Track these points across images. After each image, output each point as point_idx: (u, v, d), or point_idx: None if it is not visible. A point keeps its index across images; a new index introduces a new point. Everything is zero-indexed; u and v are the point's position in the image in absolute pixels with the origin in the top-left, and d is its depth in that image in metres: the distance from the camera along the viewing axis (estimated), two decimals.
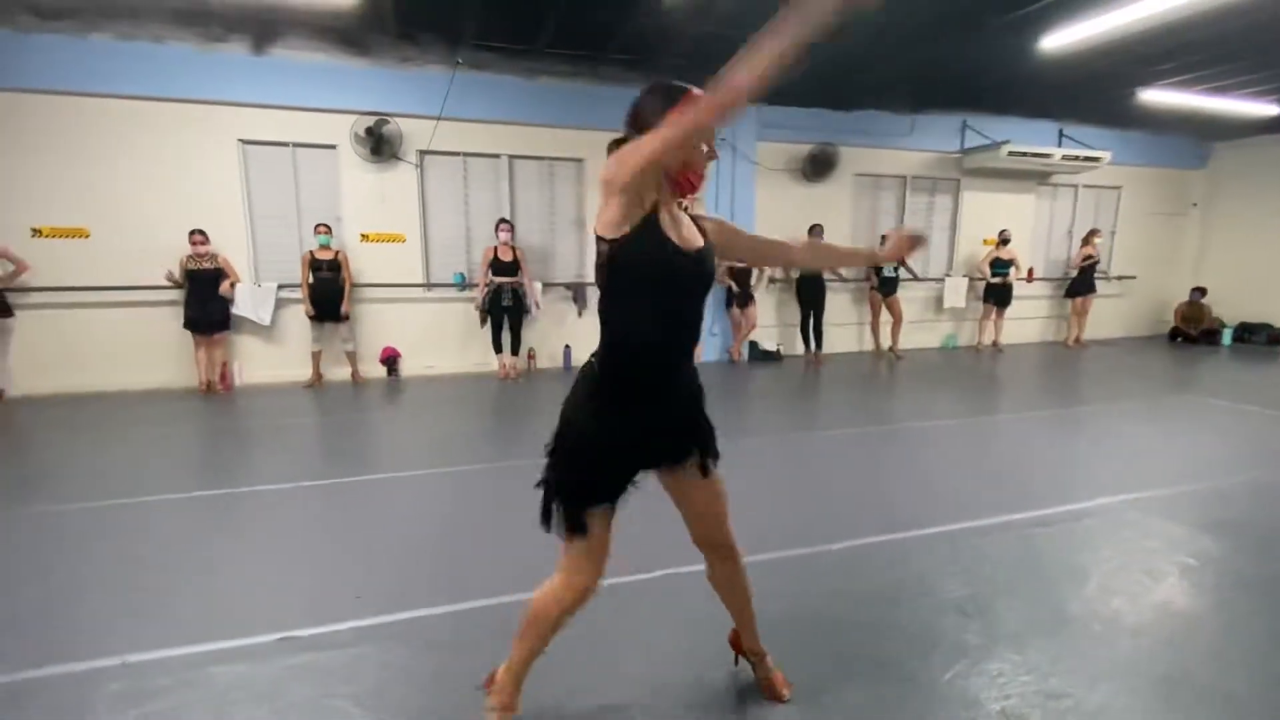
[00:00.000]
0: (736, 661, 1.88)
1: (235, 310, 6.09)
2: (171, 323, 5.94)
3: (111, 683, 1.88)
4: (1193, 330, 9.19)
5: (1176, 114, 8.32)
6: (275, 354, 6.42)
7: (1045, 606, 2.27)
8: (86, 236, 5.80)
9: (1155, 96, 7.36)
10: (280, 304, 6.29)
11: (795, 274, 7.73)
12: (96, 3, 5.17)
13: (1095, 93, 7.62)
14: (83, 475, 3.71)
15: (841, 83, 7.03)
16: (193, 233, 5.76)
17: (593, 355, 1.48)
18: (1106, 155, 8.26)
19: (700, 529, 1.64)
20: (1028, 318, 9.15)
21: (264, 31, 5.78)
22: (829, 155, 7.68)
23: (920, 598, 2.32)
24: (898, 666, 1.94)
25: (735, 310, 7.46)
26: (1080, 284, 8.71)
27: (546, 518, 1.49)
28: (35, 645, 2.06)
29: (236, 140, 6.06)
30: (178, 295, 5.89)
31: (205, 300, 5.90)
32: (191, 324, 5.90)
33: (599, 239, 1.37)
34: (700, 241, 1.49)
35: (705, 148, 1.43)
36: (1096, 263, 8.66)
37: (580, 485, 1.44)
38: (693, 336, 1.50)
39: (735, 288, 7.33)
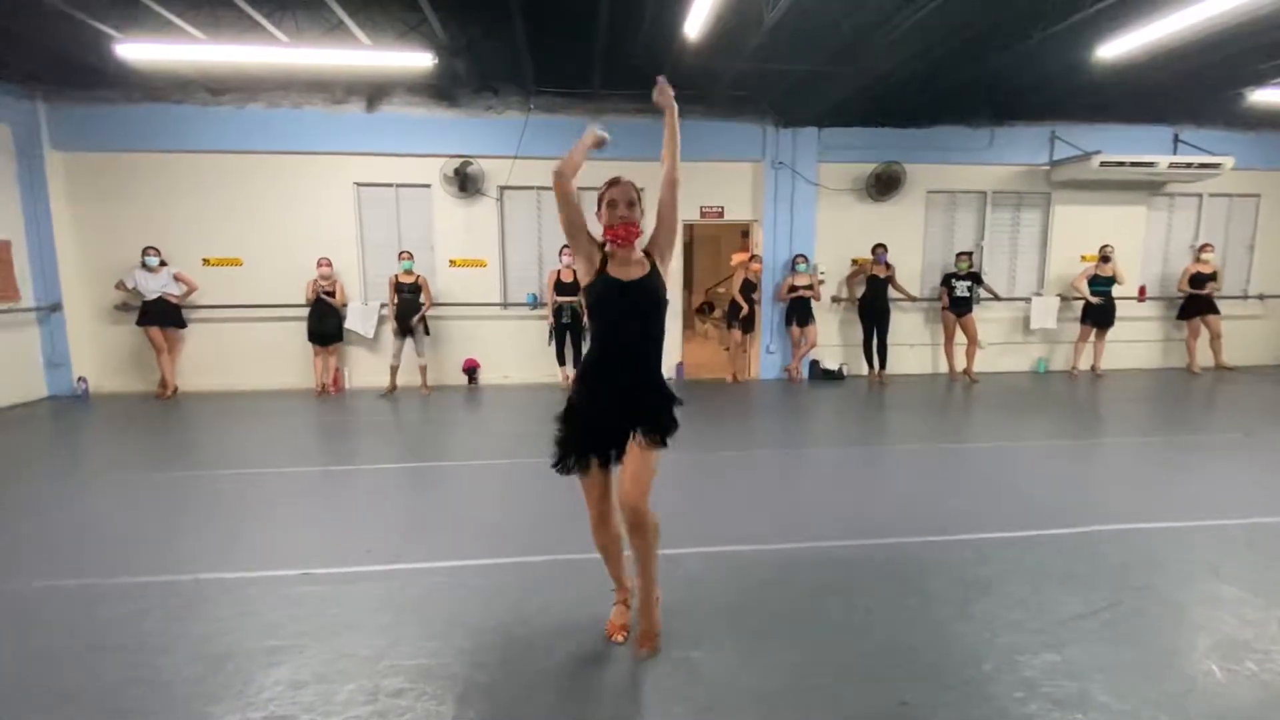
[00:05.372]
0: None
1: (346, 325, 7.22)
2: (298, 335, 7.15)
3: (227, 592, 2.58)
4: None
5: None
6: (378, 362, 7.45)
7: None
8: (240, 264, 7.20)
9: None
10: (381, 320, 7.35)
11: (860, 292, 7.67)
12: (253, 80, 6.54)
13: (1205, 93, 6.94)
14: (230, 451, 4.88)
15: (907, 100, 6.97)
16: (320, 259, 6.93)
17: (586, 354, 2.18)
18: (1228, 161, 7.40)
19: (623, 489, 2.05)
20: (1137, 341, 8.29)
21: (375, 93, 6.93)
22: (894, 174, 7.59)
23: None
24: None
25: (794, 328, 7.51)
26: (1192, 304, 7.80)
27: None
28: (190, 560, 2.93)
29: (353, 183, 7.24)
30: (304, 312, 7.08)
31: (324, 316, 7.05)
32: (313, 336, 7.07)
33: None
34: (640, 273, 2.09)
35: (610, 212, 2.11)
36: (1213, 279, 7.71)
37: (564, 437, 2.10)
38: (635, 344, 2.08)
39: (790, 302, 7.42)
